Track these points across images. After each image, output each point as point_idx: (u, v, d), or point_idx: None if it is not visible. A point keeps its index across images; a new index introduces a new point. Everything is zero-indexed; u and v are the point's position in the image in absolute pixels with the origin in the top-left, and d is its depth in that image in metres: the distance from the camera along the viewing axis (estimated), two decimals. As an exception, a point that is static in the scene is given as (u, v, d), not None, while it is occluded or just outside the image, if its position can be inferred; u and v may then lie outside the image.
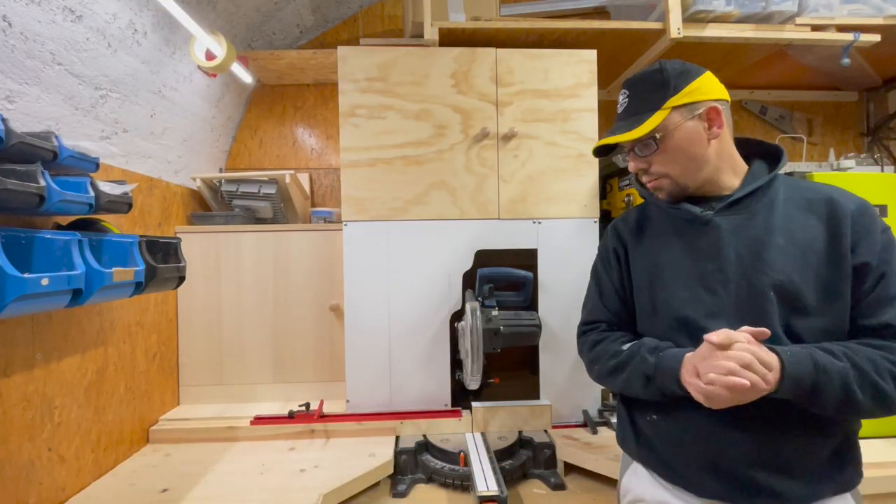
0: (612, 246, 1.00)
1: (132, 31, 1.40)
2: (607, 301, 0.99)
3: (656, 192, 0.92)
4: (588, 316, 1.04)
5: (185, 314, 1.85)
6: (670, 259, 0.90)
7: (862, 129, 2.51)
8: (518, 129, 1.69)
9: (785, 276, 0.79)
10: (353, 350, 1.69)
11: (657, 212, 0.97)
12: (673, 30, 1.70)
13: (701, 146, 0.86)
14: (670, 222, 0.93)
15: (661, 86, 0.86)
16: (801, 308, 0.79)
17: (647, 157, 0.88)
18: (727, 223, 0.85)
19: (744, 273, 0.82)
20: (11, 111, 1.11)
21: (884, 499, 1.24)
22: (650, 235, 0.96)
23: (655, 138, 0.86)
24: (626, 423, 0.96)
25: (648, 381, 0.83)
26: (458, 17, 1.77)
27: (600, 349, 0.95)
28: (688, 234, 0.89)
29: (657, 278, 0.90)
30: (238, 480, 1.37)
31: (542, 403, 1.68)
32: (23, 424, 1.14)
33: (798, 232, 0.82)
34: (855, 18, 1.80)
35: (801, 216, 0.83)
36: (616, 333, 0.96)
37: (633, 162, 0.91)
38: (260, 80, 2.25)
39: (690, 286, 0.85)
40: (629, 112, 0.89)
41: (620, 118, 0.91)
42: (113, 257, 1.18)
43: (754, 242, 0.82)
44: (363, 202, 1.68)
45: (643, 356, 0.84)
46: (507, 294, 1.69)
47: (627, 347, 0.89)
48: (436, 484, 1.47)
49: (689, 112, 0.85)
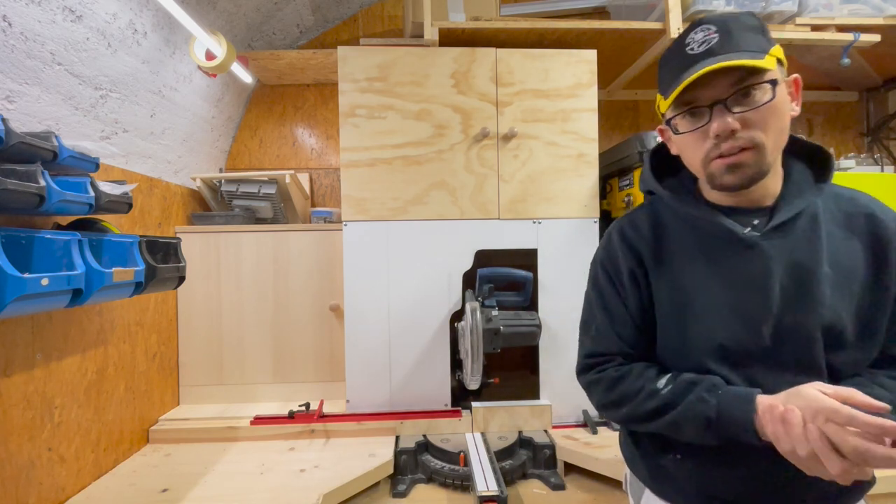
0: (629, 267, 0.79)
1: (132, 31, 1.40)
2: (621, 329, 0.79)
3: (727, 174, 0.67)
4: (595, 346, 0.82)
5: (185, 314, 1.85)
6: (700, 286, 0.72)
7: (862, 129, 2.51)
8: (518, 129, 1.69)
9: (835, 314, 0.67)
10: (353, 350, 1.69)
11: (674, 219, 0.78)
12: (673, 30, 1.70)
13: (788, 120, 0.68)
14: (700, 236, 0.74)
15: (761, 30, 0.67)
16: (841, 343, 0.68)
17: (747, 112, 0.64)
18: (773, 248, 0.69)
19: (787, 308, 0.68)
20: (11, 111, 1.11)
21: (884, 499, 1.24)
22: (672, 252, 0.77)
23: (775, 83, 0.64)
24: (637, 456, 0.83)
25: (709, 425, 0.66)
26: (458, 17, 1.77)
27: (627, 388, 0.75)
28: (722, 255, 0.72)
29: (687, 309, 0.73)
30: (238, 480, 1.37)
31: (542, 403, 1.68)
32: (23, 424, 1.14)
33: (842, 257, 0.69)
34: (855, 18, 1.80)
35: (842, 236, 0.70)
36: (638, 366, 0.77)
37: (723, 118, 0.65)
38: (260, 80, 2.25)
39: (726, 321, 0.70)
40: (726, 48, 0.65)
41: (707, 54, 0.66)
42: (113, 257, 1.18)
43: (801, 272, 0.68)
44: (363, 202, 1.68)
45: (700, 396, 0.67)
46: (507, 294, 1.69)
47: (666, 384, 0.71)
48: (436, 484, 1.47)
49: (783, 73, 0.67)
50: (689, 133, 0.69)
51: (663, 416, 0.70)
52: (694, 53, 0.66)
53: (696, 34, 0.67)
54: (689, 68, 0.66)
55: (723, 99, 0.65)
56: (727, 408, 0.65)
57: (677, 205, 0.77)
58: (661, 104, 0.74)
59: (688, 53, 0.67)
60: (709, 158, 0.68)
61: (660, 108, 0.75)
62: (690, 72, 0.65)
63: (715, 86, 0.65)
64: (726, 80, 0.65)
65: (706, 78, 0.64)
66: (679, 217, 0.77)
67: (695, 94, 0.67)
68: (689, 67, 0.66)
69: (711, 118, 0.66)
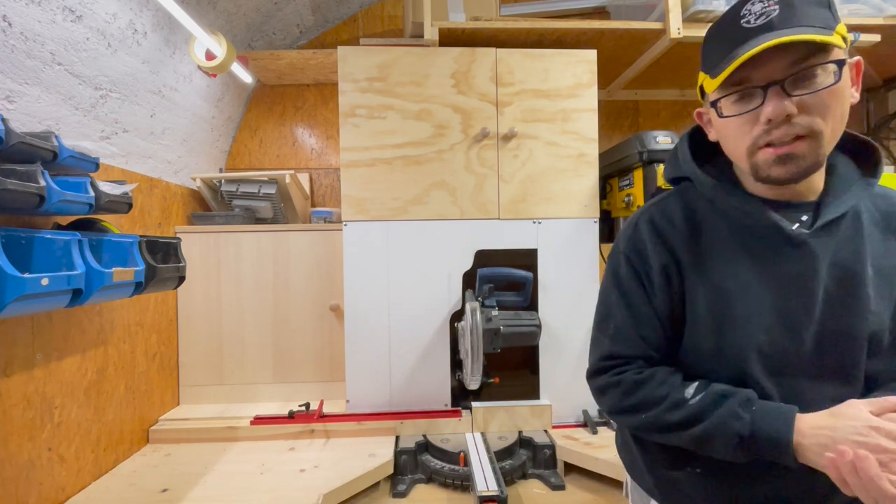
0: (661, 262, 0.70)
1: (132, 31, 1.40)
2: (645, 330, 0.71)
3: (776, 165, 0.60)
4: (614, 347, 0.73)
5: (185, 314, 1.85)
6: (741, 287, 0.66)
7: (862, 129, 2.51)
8: (518, 129, 1.69)
9: (879, 319, 0.63)
10: (353, 350, 1.69)
11: (710, 211, 0.70)
12: (673, 30, 1.70)
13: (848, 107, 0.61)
14: (741, 231, 0.67)
15: (827, 4, 0.59)
16: (880, 350, 0.64)
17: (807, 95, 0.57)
18: (821, 247, 0.63)
19: (832, 313, 0.63)
20: (11, 111, 1.11)
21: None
22: (710, 249, 0.69)
23: (842, 64, 0.57)
24: (642, 460, 0.77)
25: (741, 443, 0.60)
26: (458, 17, 1.77)
27: (648, 394, 0.69)
28: (766, 254, 0.66)
29: (726, 312, 0.66)
30: (238, 480, 1.37)
31: (542, 403, 1.68)
32: (23, 424, 1.14)
33: (883, 259, 0.64)
34: (855, 18, 1.80)
35: (882, 236, 0.66)
36: (661, 371, 0.70)
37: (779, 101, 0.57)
38: (260, 80, 2.25)
39: (769, 328, 0.64)
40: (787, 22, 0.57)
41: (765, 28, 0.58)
42: (113, 257, 1.18)
43: (846, 274, 0.63)
44: (363, 202, 1.68)
45: (733, 410, 0.61)
46: (507, 294, 1.69)
47: (695, 394, 0.65)
48: (436, 484, 1.48)
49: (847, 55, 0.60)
50: (737, 117, 0.61)
51: (689, 428, 0.64)
52: (750, 27, 0.59)
53: (754, 5, 0.59)
54: (744, 43, 0.58)
55: (780, 80, 0.57)
56: (762, 426, 0.59)
57: (720, 195, 0.69)
58: (705, 83, 0.65)
59: (743, 26, 0.59)
60: (756, 146, 0.61)
61: (704, 88, 0.66)
62: (747, 46, 0.57)
63: (772, 65, 0.58)
64: (786, 59, 0.57)
65: (763, 56, 0.57)
66: (717, 209, 0.70)
67: (748, 73, 0.59)
68: (744, 42, 0.58)
69: (765, 101, 0.58)
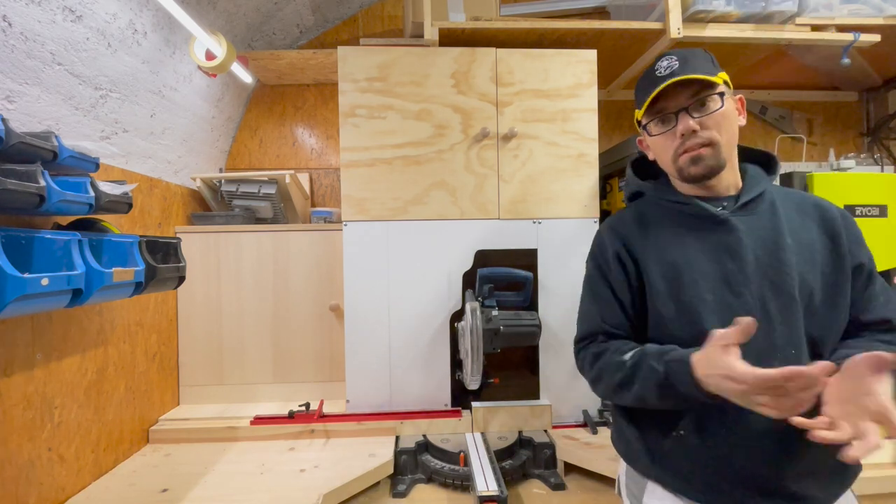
0: (613, 249, 0.91)
1: (132, 31, 1.40)
2: (604, 309, 0.91)
3: (692, 165, 0.85)
4: (582, 330, 0.95)
5: (185, 314, 1.85)
6: (687, 259, 0.84)
7: (862, 129, 2.51)
8: (518, 129, 1.69)
9: (802, 277, 0.80)
10: (353, 350, 1.69)
11: (657, 210, 0.93)
12: (673, 30, 1.70)
13: (736, 126, 0.87)
14: (679, 220, 0.89)
15: (711, 60, 0.87)
16: (813, 309, 0.80)
17: (703, 117, 0.84)
18: (742, 223, 0.84)
19: (764, 274, 0.80)
20: (11, 111, 1.11)
21: (884, 499, 1.24)
22: (657, 233, 0.90)
23: (723, 95, 0.84)
24: (635, 440, 0.88)
25: (662, 390, 0.76)
26: (458, 17, 1.77)
27: (602, 363, 0.87)
28: (702, 232, 0.86)
29: (677, 281, 0.84)
30: (238, 480, 1.37)
31: (542, 403, 1.68)
32: (23, 424, 1.14)
33: (801, 233, 0.84)
34: (855, 18, 1.80)
35: (798, 218, 0.86)
36: (615, 343, 0.88)
37: (686, 121, 0.84)
38: (260, 80, 2.25)
39: (714, 289, 0.81)
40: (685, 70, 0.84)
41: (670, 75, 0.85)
42: (113, 257, 1.18)
43: (769, 243, 0.82)
44: (363, 202, 1.68)
45: (650, 365, 0.78)
46: (507, 294, 1.69)
47: (630, 357, 0.82)
48: (436, 484, 1.47)
49: (730, 91, 0.87)
50: (661, 135, 0.88)
51: (630, 387, 0.81)
52: (661, 75, 0.86)
53: (662, 62, 0.88)
54: (657, 84, 0.85)
55: (685, 106, 0.84)
56: (672, 372, 0.75)
57: (660, 194, 0.93)
58: (637, 115, 0.93)
59: (656, 75, 0.87)
60: (677, 154, 0.86)
61: (638, 119, 0.94)
62: (660, 84, 0.84)
63: (678, 97, 0.85)
64: (686, 93, 0.84)
65: (671, 91, 0.84)
66: (661, 206, 0.93)
67: (664, 104, 0.86)
68: (658, 84, 0.85)
69: (677, 122, 0.85)
